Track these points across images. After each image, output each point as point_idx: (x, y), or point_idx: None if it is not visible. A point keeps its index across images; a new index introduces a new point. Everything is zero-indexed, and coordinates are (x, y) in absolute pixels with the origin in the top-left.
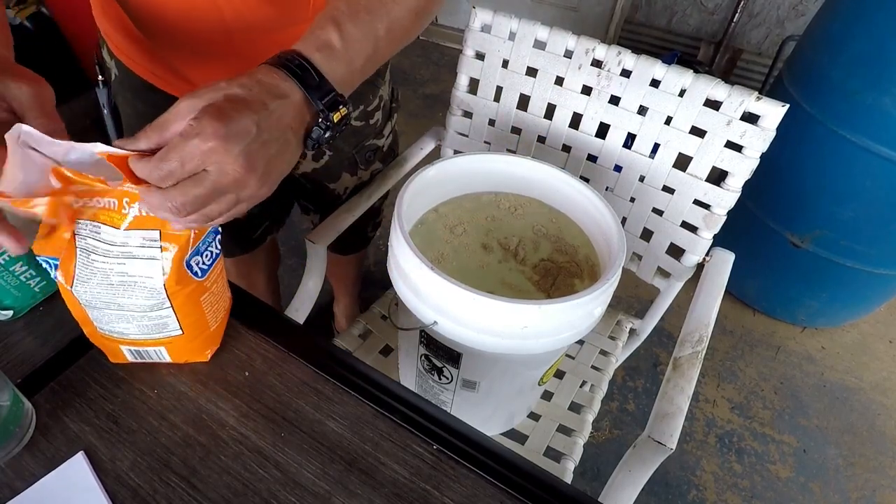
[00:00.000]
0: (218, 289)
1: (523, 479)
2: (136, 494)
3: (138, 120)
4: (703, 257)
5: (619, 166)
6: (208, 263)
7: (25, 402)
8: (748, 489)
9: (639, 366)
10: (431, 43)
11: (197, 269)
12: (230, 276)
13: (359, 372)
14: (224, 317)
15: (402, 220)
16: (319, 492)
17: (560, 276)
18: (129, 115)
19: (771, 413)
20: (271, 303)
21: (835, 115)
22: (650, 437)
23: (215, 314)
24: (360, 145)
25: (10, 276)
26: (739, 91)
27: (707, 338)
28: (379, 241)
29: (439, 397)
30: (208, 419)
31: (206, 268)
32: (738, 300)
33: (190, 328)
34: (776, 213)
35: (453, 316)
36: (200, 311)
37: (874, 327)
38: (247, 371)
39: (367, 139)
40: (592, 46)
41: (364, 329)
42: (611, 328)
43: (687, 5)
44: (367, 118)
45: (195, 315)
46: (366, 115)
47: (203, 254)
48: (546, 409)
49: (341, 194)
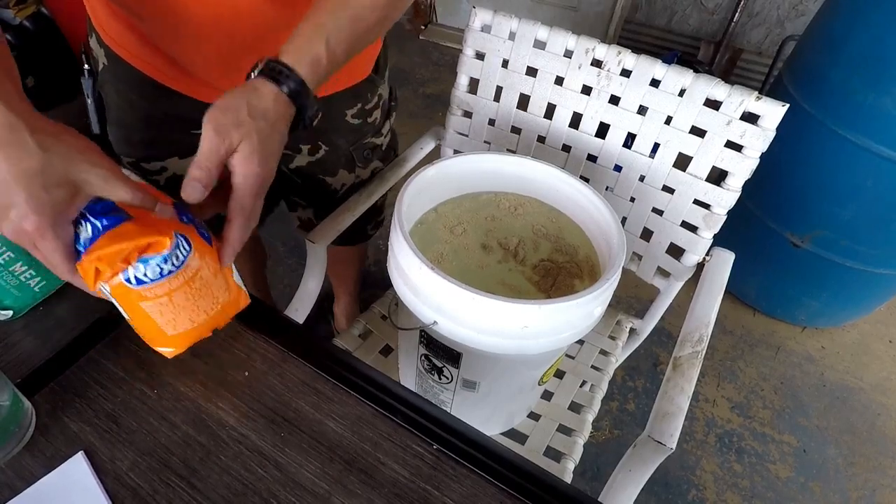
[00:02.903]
0: (178, 299)
1: (523, 479)
2: (136, 494)
3: (131, 110)
4: (703, 257)
5: (619, 166)
6: (151, 277)
7: (25, 402)
8: (748, 489)
9: (639, 366)
10: (431, 43)
11: (134, 280)
12: None
13: (359, 372)
14: (196, 326)
15: (402, 220)
16: (319, 492)
17: (560, 277)
18: (120, 107)
19: (771, 413)
20: (261, 297)
21: (835, 115)
22: (650, 437)
23: (173, 321)
24: (358, 143)
25: (10, 276)
26: (739, 91)
27: (707, 338)
28: (379, 241)
29: (439, 397)
30: (208, 419)
31: (146, 280)
32: (738, 300)
33: (140, 329)
34: (776, 213)
35: (453, 316)
36: (144, 315)
37: (874, 327)
38: (247, 371)
39: (366, 137)
40: (592, 46)
41: (364, 329)
42: (611, 328)
43: (687, 5)
44: (366, 116)
45: (140, 319)
46: (364, 112)
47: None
48: (546, 409)
49: (338, 189)
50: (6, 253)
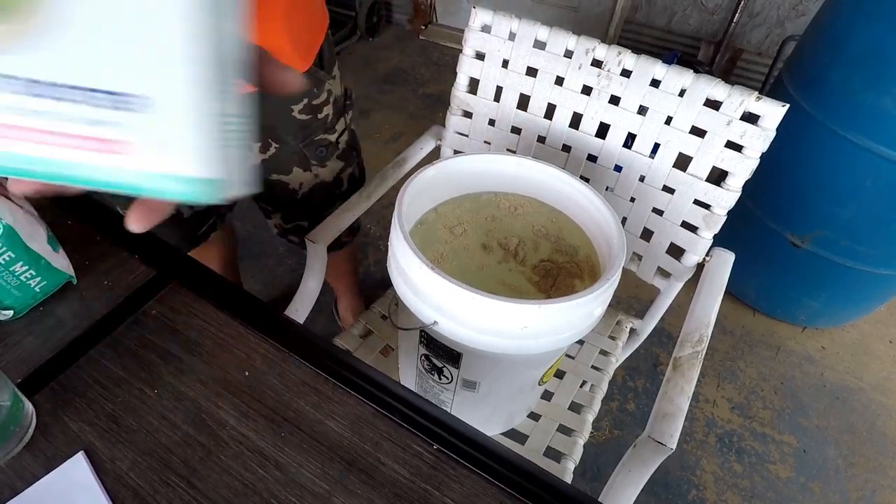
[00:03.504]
0: None
1: (523, 479)
2: (136, 494)
3: None
4: (703, 257)
5: (619, 166)
6: None
7: (25, 402)
8: (748, 489)
9: (639, 366)
10: (431, 43)
11: None
12: None
13: (359, 372)
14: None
15: (402, 220)
16: (319, 492)
17: (560, 277)
18: None
19: (771, 413)
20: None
21: (835, 115)
22: (650, 437)
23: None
24: (309, 139)
25: (10, 276)
26: (739, 91)
27: (707, 338)
28: (379, 241)
29: (439, 397)
30: (208, 419)
31: None
32: (738, 300)
33: None
34: (776, 213)
35: (453, 316)
36: None
37: (874, 327)
38: (247, 371)
39: (317, 133)
40: (592, 46)
41: (364, 329)
42: (611, 328)
43: (687, 5)
44: (315, 112)
45: None
46: (312, 108)
47: None
48: (546, 409)
49: (297, 189)
50: (6, 253)
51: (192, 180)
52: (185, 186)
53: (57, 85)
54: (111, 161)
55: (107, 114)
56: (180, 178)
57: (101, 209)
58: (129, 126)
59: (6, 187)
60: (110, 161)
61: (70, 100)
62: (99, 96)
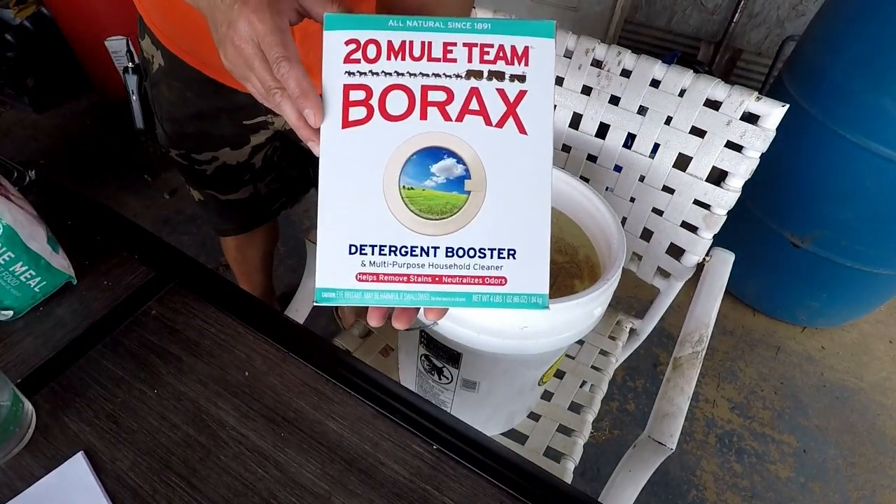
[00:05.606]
0: None
1: (523, 479)
2: (136, 494)
3: (185, 106)
4: (703, 257)
5: (619, 166)
6: None
7: (25, 402)
8: (748, 489)
9: (639, 366)
10: None
11: None
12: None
13: (359, 372)
14: None
15: None
16: (319, 492)
17: (560, 277)
18: (174, 104)
19: (771, 413)
20: (263, 279)
21: (835, 115)
22: (650, 437)
23: None
24: None
25: (10, 276)
26: (739, 91)
27: (707, 338)
28: None
29: (439, 397)
30: (208, 419)
31: None
32: (738, 300)
33: None
34: (776, 213)
35: (453, 316)
36: None
37: (874, 327)
38: (247, 371)
39: None
40: (592, 46)
41: (364, 329)
42: (611, 328)
43: (687, 5)
44: None
45: None
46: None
47: None
48: (546, 409)
49: None
50: (6, 253)
51: (538, 295)
52: (534, 299)
53: (465, 249)
54: (494, 290)
55: (494, 262)
56: (532, 294)
57: (101, 209)
58: (505, 267)
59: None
60: (494, 290)
61: (476, 256)
62: (490, 252)
